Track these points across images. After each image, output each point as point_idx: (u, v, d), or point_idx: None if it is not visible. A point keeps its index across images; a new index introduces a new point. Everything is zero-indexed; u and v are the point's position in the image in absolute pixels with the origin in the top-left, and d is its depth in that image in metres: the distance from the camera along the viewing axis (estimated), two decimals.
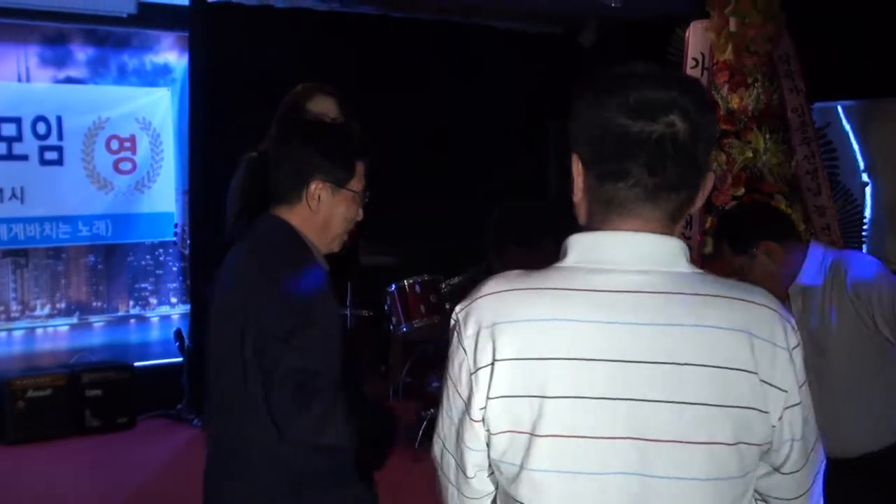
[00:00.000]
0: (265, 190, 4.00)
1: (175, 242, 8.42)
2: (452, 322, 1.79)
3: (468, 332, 1.74)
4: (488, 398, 1.70)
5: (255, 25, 8.25)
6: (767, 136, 6.49)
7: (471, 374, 1.72)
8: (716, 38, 6.46)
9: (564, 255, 1.76)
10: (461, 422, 1.75)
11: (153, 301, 8.62)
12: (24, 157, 7.91)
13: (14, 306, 8.01)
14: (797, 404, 1.72)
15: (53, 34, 8.01)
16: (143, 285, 8.58)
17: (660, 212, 1.73)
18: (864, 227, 7.36)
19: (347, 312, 7.11)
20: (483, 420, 1.72)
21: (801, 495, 1.81)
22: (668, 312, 1.67)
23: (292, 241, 2.93)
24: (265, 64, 8.19)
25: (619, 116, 1.68)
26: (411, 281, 6.96)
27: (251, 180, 4.19)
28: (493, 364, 1.70)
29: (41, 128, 7.97)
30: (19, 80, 7.92)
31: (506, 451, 1.71)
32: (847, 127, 7.84)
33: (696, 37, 6.56)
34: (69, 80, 8.14)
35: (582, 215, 1.79)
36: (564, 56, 9.51)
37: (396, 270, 7.10)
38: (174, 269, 8.67)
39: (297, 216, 2.98)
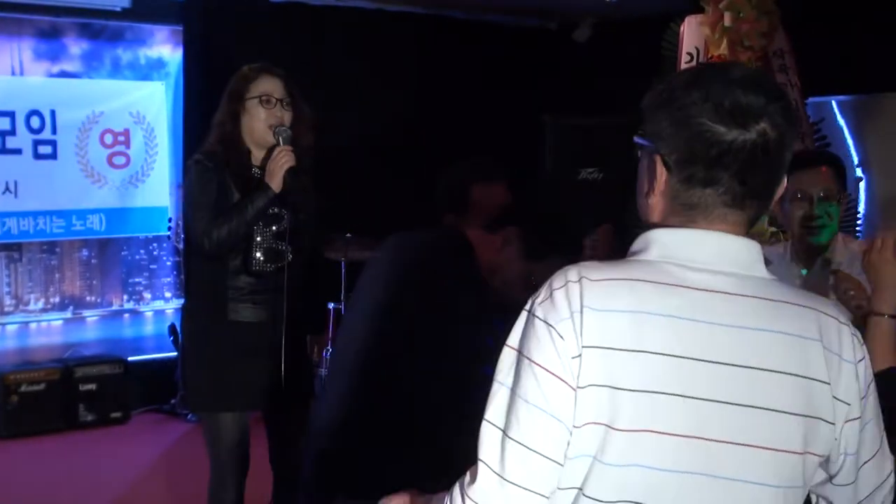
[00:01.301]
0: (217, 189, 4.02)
1: (169, 237, 8.40)
2: (530, 313, 1.70)
3: (561, 316, 1.65)
4: (578, 387, 1.63)
5: (249, 19, 8.23)
6: None
7: (572, 357, 1.63)
8: (710, 33, 6.46)
9: (644, 248, 1.74)
10: (555, 405, 1.63)
11: (147, 295, 8.61)
12: (18, 151, 7.89)
13: (7, 300, 7.99)
14: (857, 418, 1.73)
15: (47, 28, 7.99)
16: (136, 280, 8.57)
17: (744, 217, 1.73)
18: (859, 221, 7.37)
19: (342, 307, 7.11)
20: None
21: None
22: (752, 316, 1.67)
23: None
24: (260, 58, 8.14)
25: (712, 122, 1.67)
26: None
27: (210, 182, 4.05)
28: (582, 351, 1.63)
29: (35, 122, 7.95)
30: (13, 73, 7.89)
31: (583, 443, 1.64)
32: (842, 122, 7.83)
33: (691, 31, 6.56)
34: (63, 74, 8.12)
35: (656, 214, 1.77)
36: (559, 52, 9.51)
37: None
38: (168, 263, 8.66)
39: (464, 223, 3.26)
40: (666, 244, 1.72)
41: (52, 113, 8.02)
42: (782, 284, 1.74)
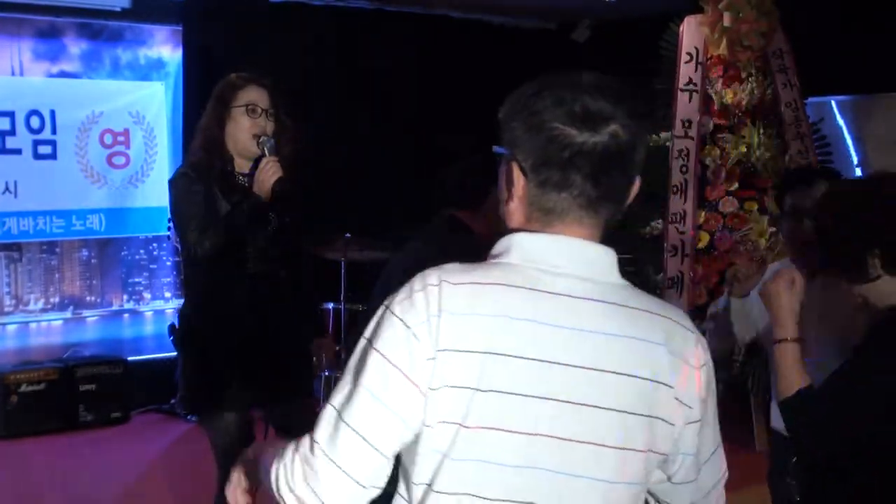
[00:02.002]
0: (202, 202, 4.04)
1: (169, 237, 8.40)
2: (388, 309, 1.75)
3: (419, 319, 1.71)
4: (430, 388, 1.69)
5: (248, 19, 8.23)
6: (761, 131, 6.50)
7: (427, 359, 1.69)
8: (709, 33, 6.48)
9: (505, 251, 1.78)
10: (398, 404, 1.71)
11: (147, 295, 8.61)
12: (18, 151, 7.89)
13: (7, 301, 8.00)
14: (697, 421, 1.82)
15: (47, 28, 7.99)
16: (136, 280, 8.57)
17: (598, 220, 1.78)
18: None
19: (342, 307, 7.11)
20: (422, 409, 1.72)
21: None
22: (606, 321, 1.73)
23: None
24: (259, 58, 8.16)
25: (564, 126, 1.71)
26: None
27: (196, 193, 4.09)
28: (437, 354, 1.69)
29: (35, 122, 7.96)
30: (13, 73, 7.90)
31: (435, 440, 1.71)
32: (841, 122, 7.85)
33: (690, 31, 6.57)
34: (63, 74, 8.12)
35: (516, 220, 1.81)
36: (558, 52, 9.51)
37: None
38: (168, 263, 8.66)
39: (474, 219, 3.49)
40: (527, 248, 1.76)
41: (52, 113, 8.02)
42: (636, 291, 1.80)
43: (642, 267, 6.68)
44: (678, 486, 1.87)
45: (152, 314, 8.65)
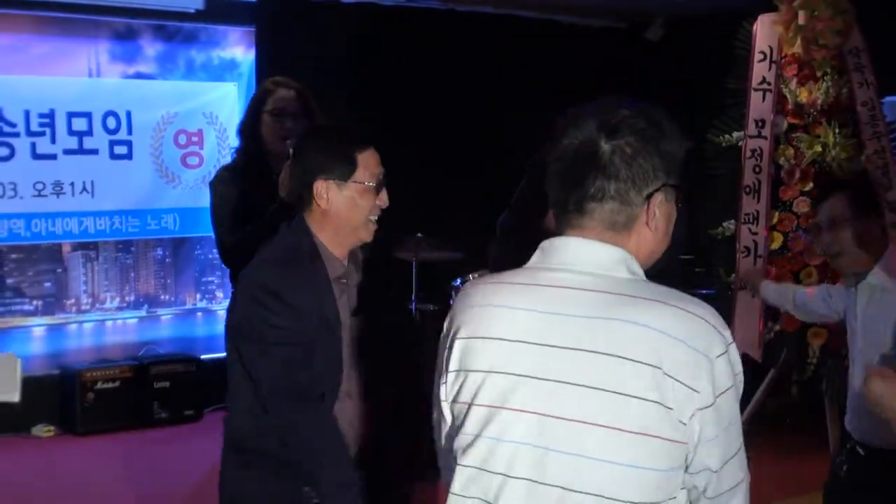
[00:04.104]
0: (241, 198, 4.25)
1: None
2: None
3: (449, 313, 2.06)
4: (447, 371, 1.99)
5: (320, 20, 8.29)
6: (837, 131, 6.41)
7: (444, 349, 2.02)
8: (784, 32, 6.39)
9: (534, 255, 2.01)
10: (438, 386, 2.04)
11: (220, 294, 8.69)
12: (95, 152, 8.01)
13: (84, 299, 8.12)
14: (709, 406, 1.82)
15: (123, 30, 8.11)
16: (209, 279, 8.66)
17: (594, 222, 1.93)
18: None
19: (413, 307, 7.13)
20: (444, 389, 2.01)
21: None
22: (595, 307, 1.87)
23: (292, 250, 3.17)
24: (331, 59, 8.23)
25: (559, 140, 1.96)
26: (476, 275, 6.95)
27: (229, 200, 4.35)
28: (453, 341, 1.99)
29: (111, 122, 8.07)
30: (90, 75, 8.02)
31: (454, 416, 1.99)
32: None
33: (764, 30, 6.49)
34: (138, 76, 8.23)
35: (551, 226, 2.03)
36: (630, 51, 9.45)
37: (460, 265, 7.10)
38: None
39: (311, 218, 3.13)
40: (543, 251, 2.00)
41: (128, 114, 8.13)
42: (648, 284, 1.92)
43: (714, 268, 6.62)
44: (694, 475, 1.87)
45: (225, 313, 8.71)
